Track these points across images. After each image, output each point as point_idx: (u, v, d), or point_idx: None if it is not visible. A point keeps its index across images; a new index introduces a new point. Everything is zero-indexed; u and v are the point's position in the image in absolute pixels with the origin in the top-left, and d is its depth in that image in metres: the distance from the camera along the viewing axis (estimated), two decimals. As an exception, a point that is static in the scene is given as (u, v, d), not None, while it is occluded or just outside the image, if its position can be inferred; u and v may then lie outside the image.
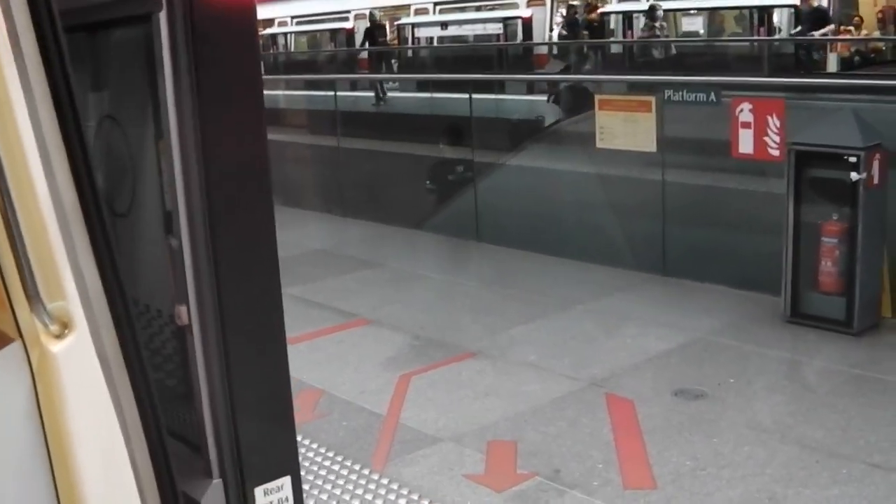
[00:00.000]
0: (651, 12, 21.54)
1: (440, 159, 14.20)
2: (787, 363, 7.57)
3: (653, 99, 9.67)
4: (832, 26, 20.30)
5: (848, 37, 20.38)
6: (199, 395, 3.33)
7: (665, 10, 23.79)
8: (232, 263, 3.25)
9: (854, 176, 7.69)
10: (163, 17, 3.03)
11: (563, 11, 26.13)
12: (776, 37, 21.12)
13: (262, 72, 3.41)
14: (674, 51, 21.70)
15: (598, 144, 10.13)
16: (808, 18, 20.51)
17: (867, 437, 6.07)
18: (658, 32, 21.54)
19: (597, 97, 10.28)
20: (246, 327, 3.33)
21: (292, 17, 32.79)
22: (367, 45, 29.08)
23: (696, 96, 9.35)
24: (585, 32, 24.36)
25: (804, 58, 19.53)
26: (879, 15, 21.68)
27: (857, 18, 20.86)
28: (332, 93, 16.55)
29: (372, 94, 22.60)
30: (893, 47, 20.25)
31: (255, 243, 3.34)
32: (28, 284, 2.37)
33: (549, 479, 5.74)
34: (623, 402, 6.77)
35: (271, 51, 31.68)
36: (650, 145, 9.71)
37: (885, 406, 6.57)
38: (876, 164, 7.79)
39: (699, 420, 6.44)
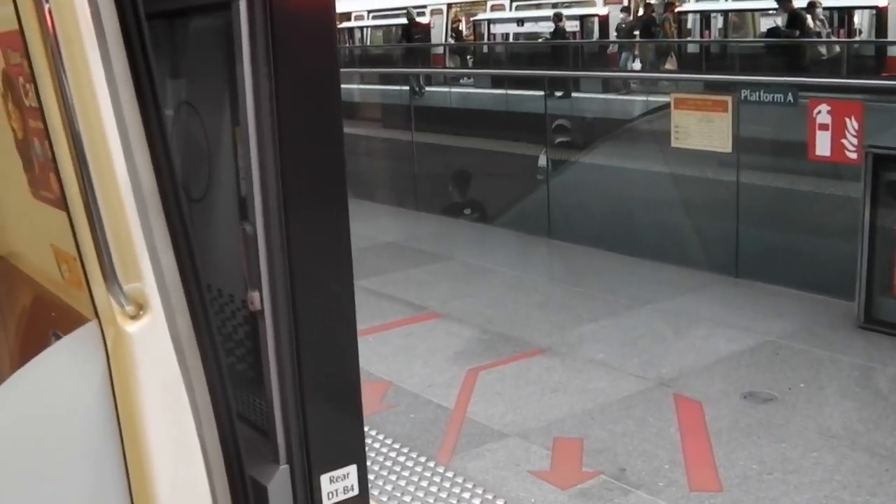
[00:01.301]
0: (811, 9, 20.38)
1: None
2: (860, 369, 7.47)
3: (729, 99, 9.59)
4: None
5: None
6: (269, 380, 3.36)
7: (743, 10, 23.59)
8: (305, 251, 3.28)
9: (932, 180, 7.58)
10: (243, 4, 3.07)
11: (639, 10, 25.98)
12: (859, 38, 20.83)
13: (340, 64, 3.43)
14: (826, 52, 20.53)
15: (674, 144, 10.06)
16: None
17: (940, 447, 5.99)
18: (820, 29, 20.29)
19: (673, 96, 10.21)
20: (317, 315, 3.36)
21: (369, 12, 32.95)
22: (404, 42, 29.31)
23: (773, 97, 9.26)
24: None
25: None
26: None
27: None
28: (405, 87, 16.67)
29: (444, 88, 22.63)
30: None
31: (329, 232, 3.37)
32: (105, 265, 2.42)
33: (614, 477, 5.72)
34: (691, 403, 6.72)
35: (347, 44, 31.86)
36: (725, 145, 9.63)
37: (958, 415, 6.47)
38: (955, 168, 7.67)
39: (767, 424, 6.37)
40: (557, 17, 24.70)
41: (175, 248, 2.58)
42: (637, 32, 24.93)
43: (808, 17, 20.40)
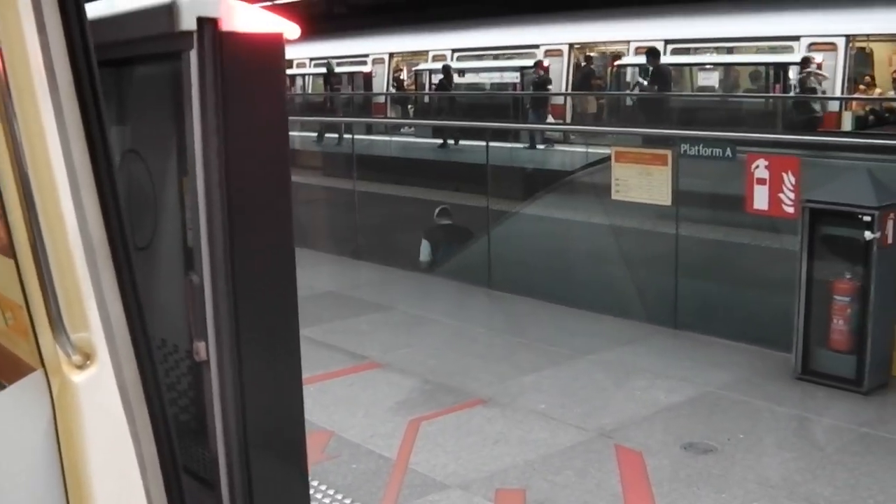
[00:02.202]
0: (806, 64, 20.07)
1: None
2: (797, 420, 7.55)
3: (669, 153, 9.71)
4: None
5: (863, 96, 20.47)
6: (214, 431, 3.34)
7: (679, 65, 23.86)
8: (251, 301, 3.28)
9: (868, 235, 7.70)
10: (193, 55, 3.07)
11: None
12: (793, 94, 21.17)
13: (288, 110, 3.44)
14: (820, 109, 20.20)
15: (614, 196, 10.16)
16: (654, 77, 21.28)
17: (876, 497, 6.05)
18: (815, 85, 19.95)
19: (613, 149, 10.31)
20: (263, 365, 3.36)
21: (311, 59, 32.99)
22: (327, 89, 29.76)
23: (711, 151, 9.38)
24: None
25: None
26: (894, 74, 21.77)
27: (867, 78, 20.96)
28: (347, 136, 16.71)
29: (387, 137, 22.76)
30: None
31: (276, 282, 3.37)
32: (53, 314, 2.39)
33: (556, 528, 5.73)
34: (632, 454, 6.75)
35: (289, 91, 31.89)
36: (665, 199, 9.74)
37: (893, 465, 6.54)
38: (890, 224, 7.80)
39: (708, 474, 6.41)
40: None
41: (123, 297, 2.56)
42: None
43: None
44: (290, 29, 3.24)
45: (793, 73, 21.38)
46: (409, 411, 7.64)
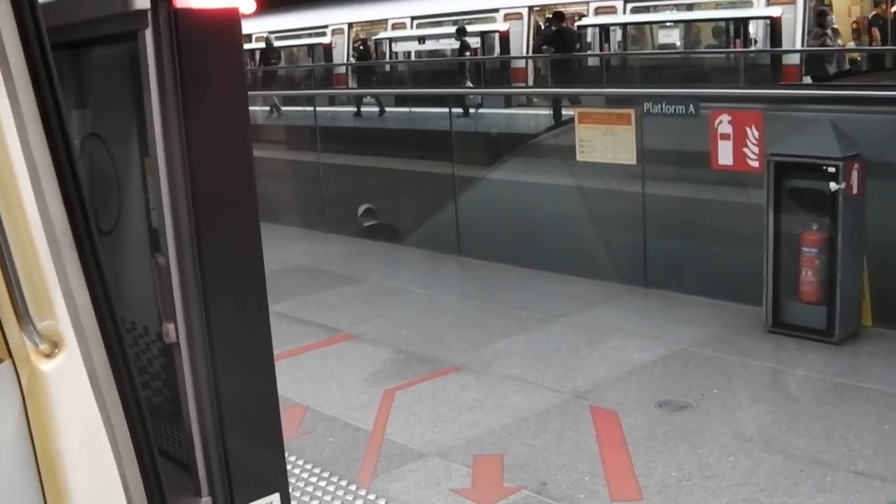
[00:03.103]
0: (821, 17, 19.34)
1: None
2: (770, 373, 7.59)
3: (632, 112, 9.70)
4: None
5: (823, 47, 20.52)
6: (188, 412, 3.33)
7: (639, 24, 23.94)
8: (219, 281, 3.26)
9: (833, 186, 7.72)
10: (148, 34, 3.04)
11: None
12: (755, 48, 21.23)
13: (248, 88, 3.41)
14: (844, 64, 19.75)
15: (579, 158, 10.15)
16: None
17: (850, 445, 6.10)
18: (829, 42, 19.40)
19: (576, 110, 10.30)
20: (234, 344, 3.34)
21: (269, 33, 32.77)
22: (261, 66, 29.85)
23: (675, 108, 9.38)
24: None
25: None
26: (854, 25, 21.85)
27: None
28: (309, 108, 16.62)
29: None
30: (868, 57, 20.40)
31: (242, 260, 3.35)
32: (18, 304, 2.37)
33: (535, 492, 5.73)
34: (607, 414, 6.78)
35: (249, 66, 31.69)
36: (630, 158, 9.74)
37: (866, 414, 6.60)
38: (855, 175, 7.82)
39: (683, 431, 6.45)
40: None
41: (89, 283, 2.54)
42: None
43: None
44: (246, 3, 3.20)
45: (753, 28, 21.44)
46: (383, 382, 7.64)
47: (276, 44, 32.36)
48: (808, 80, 19.04)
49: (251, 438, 3.45)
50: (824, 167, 7.78)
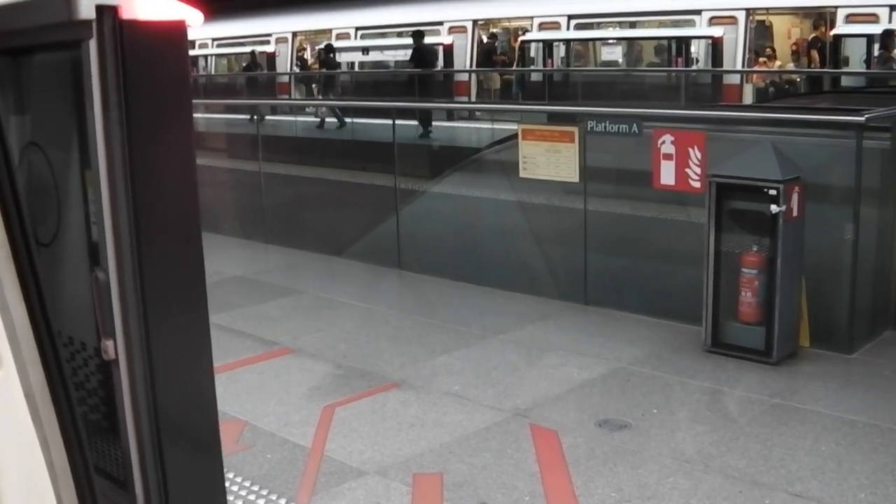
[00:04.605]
0: (889, 39, 18.15)
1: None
2: (709, 393, 7.63)
3: (575, 129, 9.73)
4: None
5: (763, 68, 20.77)
6: (126, 430, 3.26)
7: (582, 40, 24.06)
8: (160, 295, 3.20)
9: (774, 208, 7.79)
10: (93, 45, 2.97)
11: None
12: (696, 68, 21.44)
13: (192, 98, 3.36)
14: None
15: (521, 174, 10.17)
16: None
17: (788, 467, 6.13)
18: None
19: (520, 127, 10.30)
20: (173, 360, 3.28)
21: (213, 40, 32.59)
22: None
23: (618, 127, 9.42)
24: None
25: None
26: (793, 47, 22.12)
27: (768, 50, 21.27)
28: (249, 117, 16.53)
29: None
30: (807, 79, 20.66)
31: (183, 274, 3.29)
32: (-49, 321, 2.30)
33: (474, 511, 5.72)
34: (547, 433, 6.77)
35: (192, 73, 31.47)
36: (573, 175, 9.76)
37: (804, 435, 6.65)
38: (795, 197, 7.90)
39: (623, 451, 6.45)
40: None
41: (25, 297, 2.47)
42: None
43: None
44: (193, 16, 3.15)
45: (695, 47, 21.65)
46: (322, 397, 7.58)
47: (222, 51, 32.20)
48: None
49: (190, 456, 3.38)
50: (765, 189, 7.84)
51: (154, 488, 3.30)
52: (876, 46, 18.83)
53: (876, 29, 19.03)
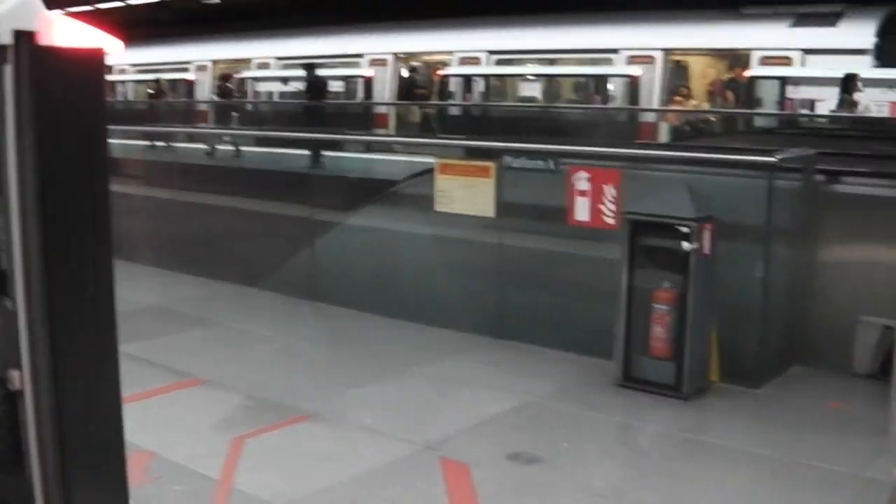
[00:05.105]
0: (849, 83, 17.10)
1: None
2: (620, 427, 7.70)
3: (492, 165, 9.79)
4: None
5: (679, 108, 21.08)
6: (31, 462, 3.21)
7: (502, 76, 24.22)
8: (69, 326, 3.17)
9: (686, 246, 7.91)
10: (8, 70, 2.95)
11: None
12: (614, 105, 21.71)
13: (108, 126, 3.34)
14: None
15: (437, 208, 10.20)
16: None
17: (698, 502, 6.21)
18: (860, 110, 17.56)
19: (437, 161, 10.34)
20: (81, 391, 3.25)
21: (132, 65, 32.31)
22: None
23: (535, 163, 9.50)
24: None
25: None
26: (709, 87, 22.49)
27: (684, 90, 21.60)
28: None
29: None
30: (722, 119, 21.01)
31: (94, 305, 3.26)
32: None
33: (384, 545, 5.70)
34: (458, 466, 6.77)
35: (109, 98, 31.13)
36: (488, 210, 9.82)
37: (713, 469, 6.74)
38: (707, 235, 8.03)
39: (534, 485, 6.47)
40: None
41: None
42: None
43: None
44: (112, 44, 3.14)
45: (612, 85, 21.92)
46: (232, 429, 7.50)
47: (138, 77, 31.92)
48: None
49: (96, 488, 3.35)
50: (678, 227, 7.96)
51: (59, 521, 3.25)
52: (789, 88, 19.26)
53: (788, 72, 19.47)
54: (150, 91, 30.19)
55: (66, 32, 3.04)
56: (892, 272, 8.40)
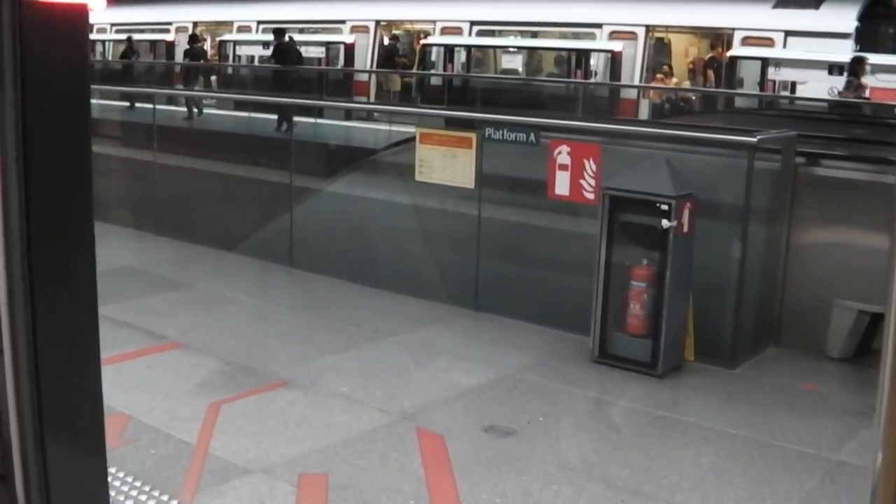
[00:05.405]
0: (856, 66, 16.95)
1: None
2: (595, 402, 7.73)
3: (473, 135, 9.77)
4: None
5: (660, 85, 21.10)
6: (8, 422, 3.20)
7: (483, 47, 24.17)
8: (48, 284, 3.14)
9: (665, 223, 7.92)
10: (-10, 27, 2.91)
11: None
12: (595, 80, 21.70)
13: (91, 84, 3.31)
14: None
15: (417, 178, 10.17)
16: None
17: (670, 477, 6.24)
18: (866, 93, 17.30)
19: (418, 130, 10.31)
20: (60, 352, 3.22)
21: (111, 25, 32.07)
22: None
23: (516, 136, 9.48)
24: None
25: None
26: (690, 66, 22.51)
27: (665, 68, 21.62)
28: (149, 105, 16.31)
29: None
30: (702, 97, 21.05)
31: (74, 263, 3.24)
32: None
33: (358, 513, 5.71)
34: (433, 437, 6.79)
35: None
36: (469, 181, 9.80)
37: (685, 446, 6.77)
38: (686, 213, 8.04)
39: (508, 457, 6.50)
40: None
41: None
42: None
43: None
44: (95, 1, 3.11)
45: (594, 60, 21.90)
46: (209, 394, 7.50)
47: (118, 37, 31.71)
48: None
49: (73, 449, 3.33)
50: (658, 204, 7.97)
51: (35, 481, 3.24)
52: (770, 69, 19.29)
53: (770, 53, 19.50)
54: (122, 50, 30.07)
55: (49, -12, 3.00)
56: (868, 257, 8.43)
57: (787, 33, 19.45)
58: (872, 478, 1.57)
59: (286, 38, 23.81)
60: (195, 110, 20.88)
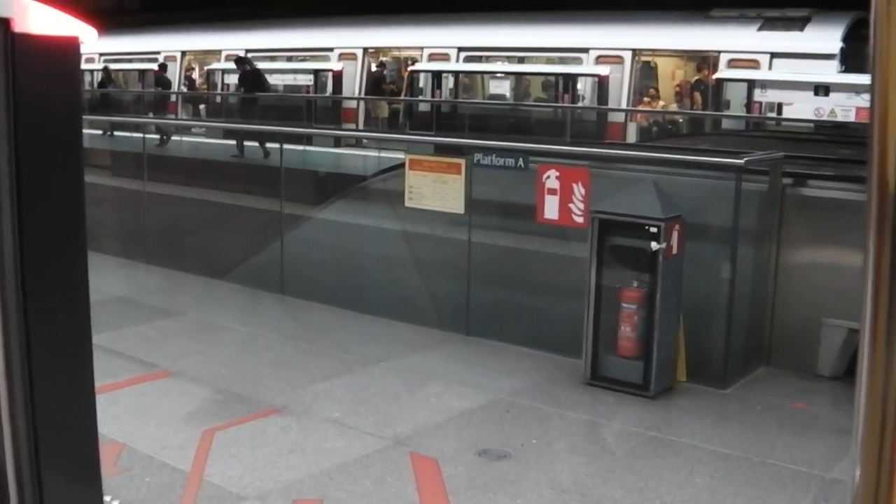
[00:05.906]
0: None
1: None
2: (587, 425, 7.74)
3: (463, 161, 9.81)
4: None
5: (647, 108, 21.16)
6: (4, 451, 3.21)
7: (471, 73, 24.24)
8: (43, 312, 3.16)
9: (654, 246, 7.96)
10: (-16, 60, 2.94)
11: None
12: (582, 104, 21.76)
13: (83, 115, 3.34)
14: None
15: (407, 203, 10.21)
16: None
17: (663, 498, 6.25)
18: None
19: (407, 157, 10.35)
20: (55, 380, 3.24)
21: (100, 55, 32.05)
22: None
23: (505, 161, 9.52)
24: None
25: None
26: (677, 88, 22.57)
27: (652, 91, 21.67)
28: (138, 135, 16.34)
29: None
30: (689, 120, 21.10)
31: (68, 291, 3.26)
32: None
33: (353, 538, 5.71)
34: (427, 462, 6.79)
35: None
36: (458, 207, 9.84)
37: (678, 468, 6.78)
38: (675, 235, 8.08)
39: (503, 480, 6.51)
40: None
41: None
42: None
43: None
44: (87, 32, 3.14)
45: (581, 84, 21.96)
46: (202, 421, 7.51)
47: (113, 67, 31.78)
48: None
49: (69, 478, 3.34)
50: (646, 227, 8.00)
51: (31, 509, 3.25)
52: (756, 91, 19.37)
53: (756, 75, 19.57)
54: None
55: (41, 20, 3.03)
56: (856, 275, 8.43)
57: (773, 55, 19.52)
58: (852, 493, 1.59)
59: (248, 67, 24.00)
60: (164, 137, 20.99)
